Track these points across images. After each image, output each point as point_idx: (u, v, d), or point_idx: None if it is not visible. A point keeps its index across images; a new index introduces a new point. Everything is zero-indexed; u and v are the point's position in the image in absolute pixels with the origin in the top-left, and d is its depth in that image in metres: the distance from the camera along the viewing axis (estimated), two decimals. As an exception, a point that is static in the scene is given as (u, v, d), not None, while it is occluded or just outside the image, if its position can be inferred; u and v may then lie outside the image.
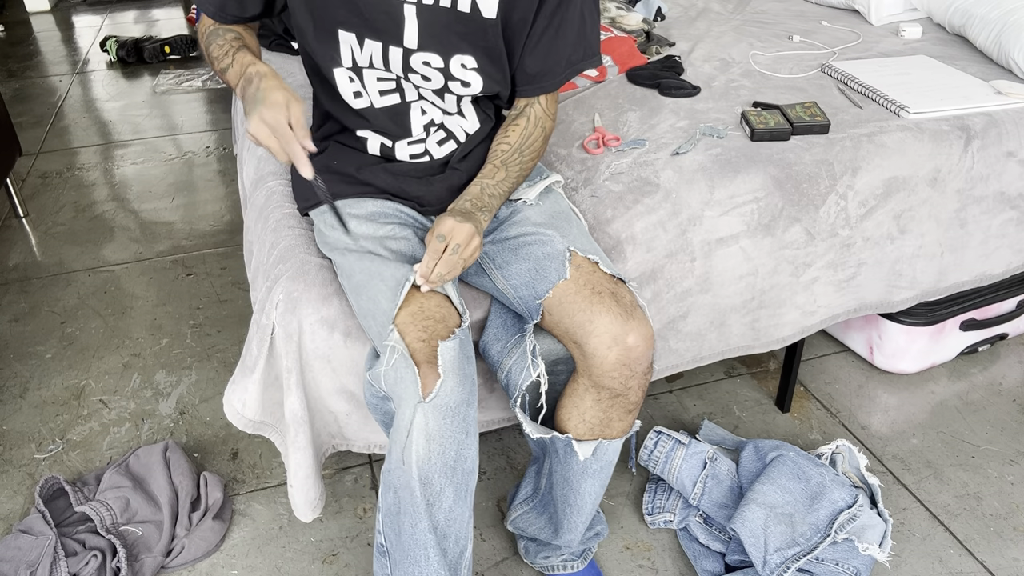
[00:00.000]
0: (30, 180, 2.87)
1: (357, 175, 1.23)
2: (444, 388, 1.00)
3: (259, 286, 1.28)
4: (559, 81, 1.20)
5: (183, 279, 2.28)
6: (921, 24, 2.01)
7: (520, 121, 1.22)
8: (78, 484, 1.57)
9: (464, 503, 1.06)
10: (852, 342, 1.94)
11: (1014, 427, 1.75)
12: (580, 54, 1.19)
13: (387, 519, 1.08)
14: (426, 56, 1.11)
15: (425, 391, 1.00)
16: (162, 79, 3.75)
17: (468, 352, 1.07)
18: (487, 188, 1.19)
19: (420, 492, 1.01)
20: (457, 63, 1.13)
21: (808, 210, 1.43)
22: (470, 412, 1.04)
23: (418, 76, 1.14)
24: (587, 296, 1.11)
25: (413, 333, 1.04)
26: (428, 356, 1.02)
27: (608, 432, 1.16)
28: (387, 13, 1.08)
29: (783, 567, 1.33)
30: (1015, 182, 1.60)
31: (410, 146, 1.22)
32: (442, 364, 1.01)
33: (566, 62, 1.18)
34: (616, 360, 1.09)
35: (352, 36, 1.10)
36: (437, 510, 1.03)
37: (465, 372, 1.04)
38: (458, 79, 1.15)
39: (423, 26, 1.09)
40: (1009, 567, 1.45)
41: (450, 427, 1.01)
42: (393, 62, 1.12)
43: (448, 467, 1.02)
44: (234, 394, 1.23)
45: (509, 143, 1.22)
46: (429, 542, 1.04)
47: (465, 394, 1.03)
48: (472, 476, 1.06)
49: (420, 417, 1.00)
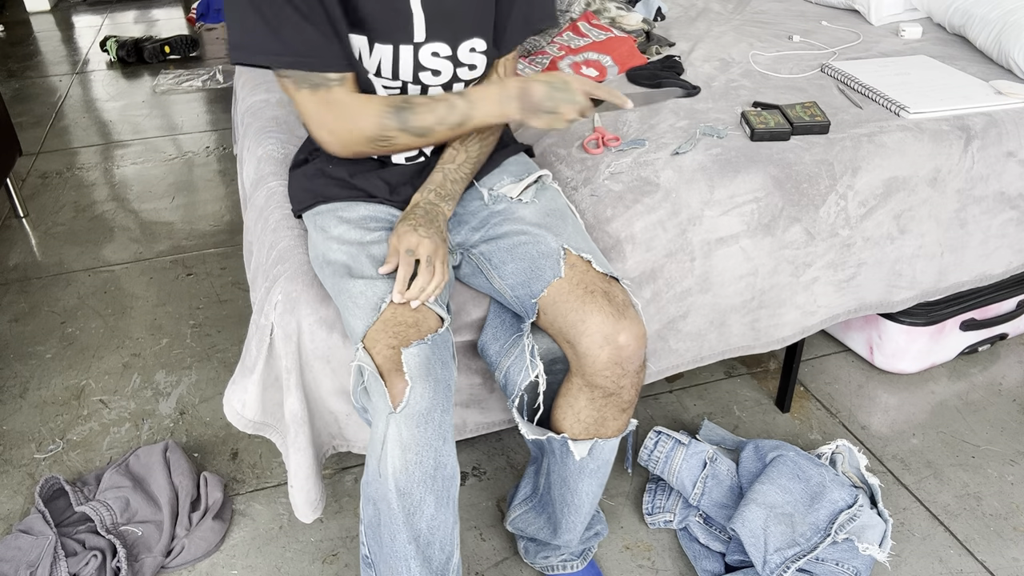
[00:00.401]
0: (30, 180, 2.87)
1: (350, 179, 1.23)
2: (413, 395, 0.99)
3: (258, 286, 1.28)
4: (517, 39, 1.21)
5: (183, 279, 2.29)
6: (921, 24, 2.01)
7: None
8: (78, 484, 1.57)
9: (447, 509, 1.05)
10: (852, 342, 1.94)
11: (1014, 427, 1.75)
12: (539, 14, 1.21)
13: (369, 531, 1.08)
14: (435, 47, 1.13)
15: (395, 401, 0.99)
16: (162, 79, 3.75)
17: (442, 356, 1.05)
18: (449, 174, 1.19)
19: (398, 504, 1.01)
20: (466, 48, 1.15)
21: (808, 210, 1.43)
22: (445, 418, 1.02)
23: (428, 73, 1.15)
24: (580, 295, 1.11)
25: (384, 341, 1.03)
26: (397, 364, 1.01)
27: (603, 431, 1.16)
28: (396, 11, 1.09)
29: (783, 567, 1.33)
30: (1015, 182, 1.60)
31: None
32: (408, 371, 1.00)
33: (523, 20, 1.20)
34: (608, 359, 1.09)
35: (363, 39, 1.11)
36: (418, 519, 1.03)
37: (437, 377, 1.02)
38: (465, 64, 1.16)
39: (430, 16, 1.10)
40: (1009, 567, 1.45)
41: (424, 435, 1.00)
42: (403, 65, 1.13)
43: (427, 475, 1.01)
44: (234, 395, 1.23)
45: None
46: (409, 553, 1.04)
47: (438, 399, 1.01)
48: (453, 481, 1.05)
49: (393, 428, 0.99)
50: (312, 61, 1.06)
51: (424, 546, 1.05)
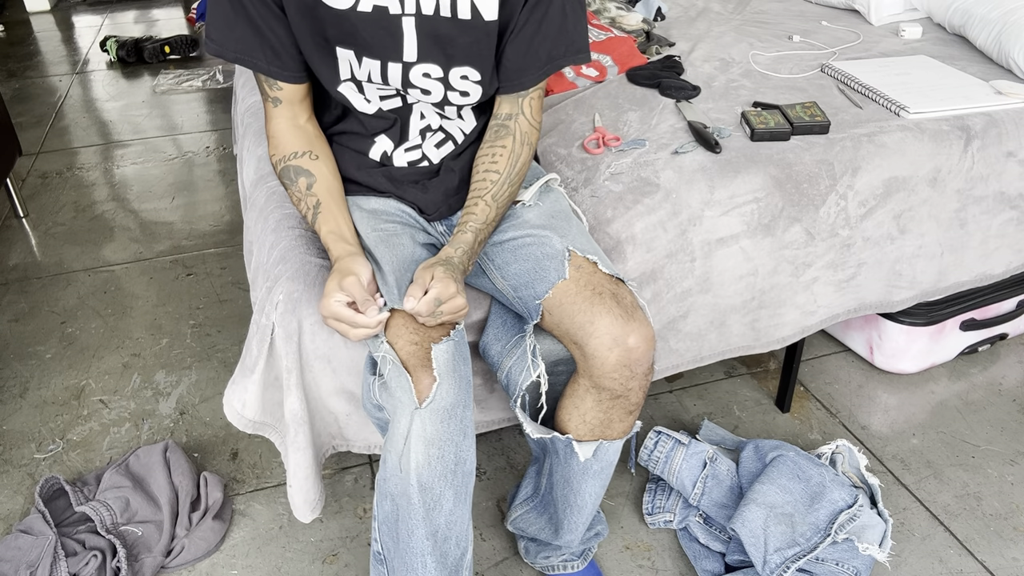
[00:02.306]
0: (30, 180, 2.87)
1: (357, 176, 1.23)
2: (440, 391, 1.00)
3: (259, 286, 1.28)
4: (539, 76, 1.17)
5: (183, 279, 2.28)
6: (921, 24, 2.01)
7: (506, 142, 1.18)
8: (78, 484, 1.57)
9: (464, 505, 1.06)
10: (852, 342, 1.94)
11: (1014, 427, 1.75)
12: (561, 50, 1.16)
13: (384, 527, 1.08)
14: (426, 67, 1.11)
15: (421, 396, 1.00)
16: (162, 79, 3.75)
17: (464, 353, 1.06)
18: (479, 234, 1.15)
19: (418, 499, 1.01)
20: (457, 75, 1.12)
21: (808, 210, 1.43)
22: (467, 414, 1.04)
23: (417, 91, 1.13)
24: (588, 297, 1.10)
25: (405, 337, 1.04)
26: (422, 360, 1.01)
27: (609, 433, 1.16)
28: (385, 29, 1.06)
29: (783, 567, 1.33)
30: (1015, 182, 1.60)
31: (407, 152, 1.22)
32: (437, 367, 1.01)
33: (547, 57, 1.15)
34: (617, 361, 1.08)
35: (351, 53, 1.10)
36: (437, 515, 1.03)
37: (461, 373, 1.04)
38: (457, 90, 1.14)
39: (423, 38, 1.08)
40: (1009, 567, 1.45)
41: (448, 430, 1.01)
42: (392, 77, 1.12)
43: (448, 470, 1.02)
44: (234, 394, 1.23)
45: (498, 172, 1.17)
46: (426, 549, 1.04)
47: (461, 395, 1.03)
48: (471, 477, 1.06)
49: (418, 423, 1.00)
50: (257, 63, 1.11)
51: (441, 541, 1.05)
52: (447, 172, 1.23)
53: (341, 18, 1.06)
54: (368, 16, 1.05)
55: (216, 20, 1.10)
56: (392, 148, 1.21)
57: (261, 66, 1.11)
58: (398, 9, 1.05)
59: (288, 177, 1.17)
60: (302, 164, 1.17)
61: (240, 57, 1.11)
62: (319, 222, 1.15)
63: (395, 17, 1.06)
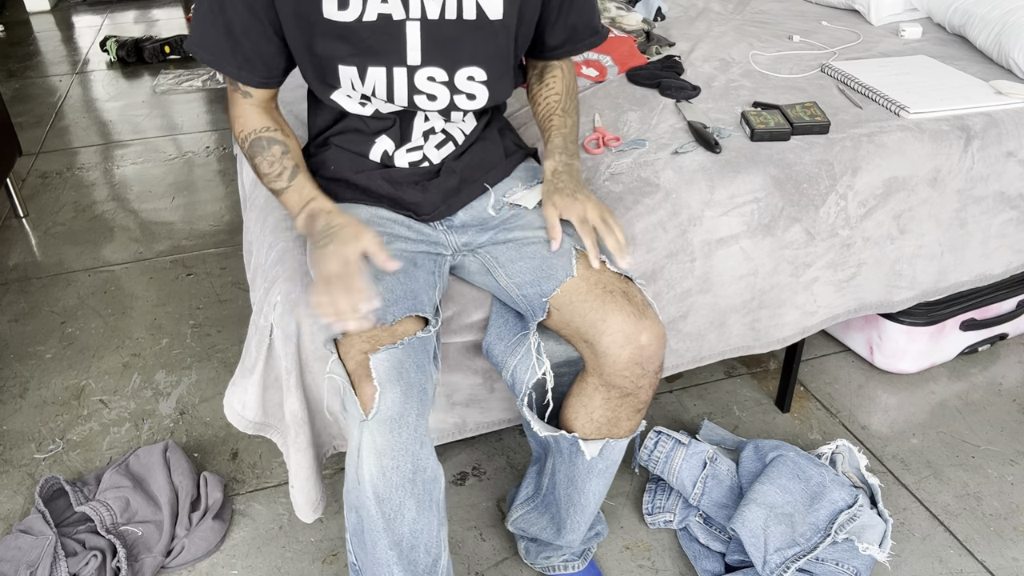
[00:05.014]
0: (30, 180, 2.87)
1: (355, 179, 1.22)
2: (384, 401, 0.99)
3: (258, 287, 1.28)
4: (588, 44, 1.27)
5: (183, 279, 2.29)
6: (921, 24, 2.01)
7: (555, 72, 1.28)
8: (78, 484, 1.57)
9: (430, 512, 1.05)
10: (852, 342, 1.94)
11: (1014, 427, 1.75)
12: (596, 24, 1.27)
13: (354, 538, 1.08)
14: (431, 71, 1.11)
15: (366, 408, 0.99)
16: (162, 79, 3.75)
17: (418, 360, 1.04)
18: (568, 136, 1.23)
19: (376, 510, 1.01)
20: (463, 76, 1.12)
21: (808, 210, 1.43)
22: (420, 421, 1.02)
23: (423, 97, 1.13)
24: (599, 295, 1.10)
25: (358, 346, 1.03)
26: (367, 370, 1.00)
27: (615, 432, 1.16)
28: (388, 34, 1.07)
29: (783, 567, 1.33)
30: (1015, 182, 1.60)
31: (409, 153, 1.22)
32: (376, 376, 0.99)
33: (590, 29, 1.26)
34: (629, 359, 1.08)
35: (353, 70, 1.10)
36: (399, 524, 1.02)
37: (409, 381, 1.01)
38: (463, 92, 1.14)
39: (428, 41, 1.08)
40: (1009, 567, 1.45)
41: (399, 440, 0.99)
42: (398, 89, 1.12)
43: (406, 479, 1.01)
44: (234, 395, 1.23)
45: (558, 92, 1.26)
46: (391, 559, 1.04)
47: (411, 403, 1.01)
48: (436, 484, 1.05)
49: (367, 435, 0.99)
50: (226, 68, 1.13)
51: (408, 550, 1.04)
52: (447, 173, 1.23)
53: (347, 30, 1.06)
54: (373, 24, 1.06)
55: (197, 19, 1.13)
56: (394, 148, 1.21)
57: (230, 71, 1.14)
58: (402, 15, 1.06)
59: (260, 146, 1.17)
60: (275, 136, 1.17)
61: (211, 59, 1.13)
62: (298, 180, 1.14)
63: (399, 23, 1.07)
